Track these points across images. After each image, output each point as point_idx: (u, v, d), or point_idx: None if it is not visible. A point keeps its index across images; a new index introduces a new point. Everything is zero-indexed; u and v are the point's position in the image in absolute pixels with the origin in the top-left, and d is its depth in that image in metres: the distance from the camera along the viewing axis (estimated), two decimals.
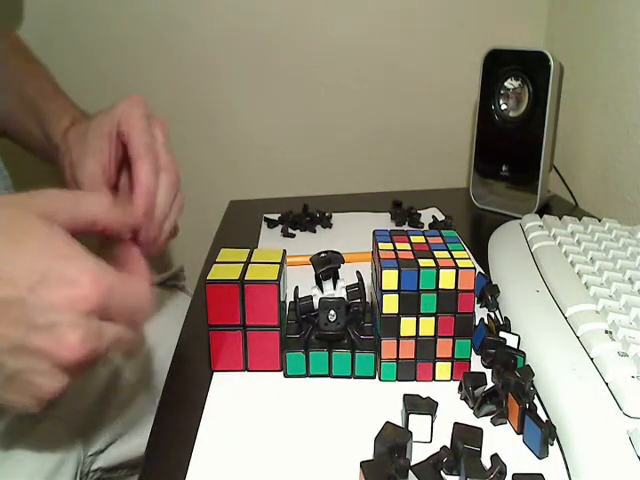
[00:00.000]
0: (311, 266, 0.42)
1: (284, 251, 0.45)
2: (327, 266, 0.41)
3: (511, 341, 0.42)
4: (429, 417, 0.34)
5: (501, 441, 0.35)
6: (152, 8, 0.84)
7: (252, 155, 0.93)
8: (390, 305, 0.39)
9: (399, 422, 0.35)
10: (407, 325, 0.39)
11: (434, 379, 0.40)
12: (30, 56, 0.60)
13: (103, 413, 0.53)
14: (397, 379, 0.40)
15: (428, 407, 0.35)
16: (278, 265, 0.42)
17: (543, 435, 0.33)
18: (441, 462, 0.32)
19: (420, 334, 0.39)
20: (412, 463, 0.32)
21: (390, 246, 0.42)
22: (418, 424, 0.34)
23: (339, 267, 0.42)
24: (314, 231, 0.69)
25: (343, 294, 0.41)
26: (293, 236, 0.67)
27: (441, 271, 0.38)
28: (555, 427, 0.34)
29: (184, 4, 0.85)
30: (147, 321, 0.35)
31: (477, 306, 0.49)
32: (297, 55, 0.88)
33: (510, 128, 0.72)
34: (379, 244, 0.42)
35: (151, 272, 0.37)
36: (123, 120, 0.44)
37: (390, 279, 0.38)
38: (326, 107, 0.91)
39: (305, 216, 0.70)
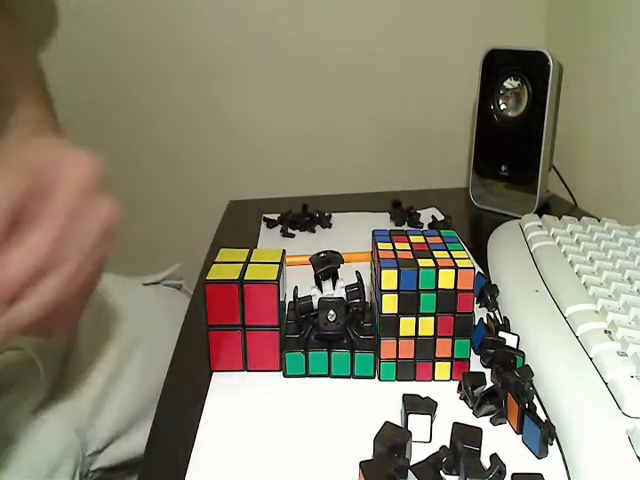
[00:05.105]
0: (310, 266, 0.42)
1: (283, 251, 0.45)
2: (326, 266, 0.41)
3: (510, 341, 0.42)
4: (428, 417, 0.34)
5: (500, 441, 0.35)
6: (149, 7, 0.84)
7: (252, 155, 0.93)
8: (389, 305, 0.39)
9: (398, 422, 0.35)
10: (406, 325, 0.39)
11: (433, 379, 0.40)
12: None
13: (101, 412, 0.53)
14: (396, 379, 0.40)
15: (427, 407, 0.35)
16: (277, 265, 0.42)
17: (542, 435, 0.33)
18: (440, 462, 0.32)
19: (419, 334, 0.39)
20: (411, 463, 0.32)
21: (389, 246, 0.42)
22: (417, 424, 0.34)
23: (338, 267, 0.42)
24: (314, 231, 0.69)
25: (342, 294, 0.41)
26: (292, 236, 0.67)
27: (440, 271, 0.38)
28: (554, 427, 0.34)
29: (182, 4, 0.85)
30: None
31: (476, 306, 0.49)
32: (296, 56, 0.88)
33: (509, 128, 0.72)
34: (378, 244, 0.42)
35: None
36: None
37: (389, 279, 0.38)
38: (325, 107, 0.91)
39: (304, 216, 0.70)
